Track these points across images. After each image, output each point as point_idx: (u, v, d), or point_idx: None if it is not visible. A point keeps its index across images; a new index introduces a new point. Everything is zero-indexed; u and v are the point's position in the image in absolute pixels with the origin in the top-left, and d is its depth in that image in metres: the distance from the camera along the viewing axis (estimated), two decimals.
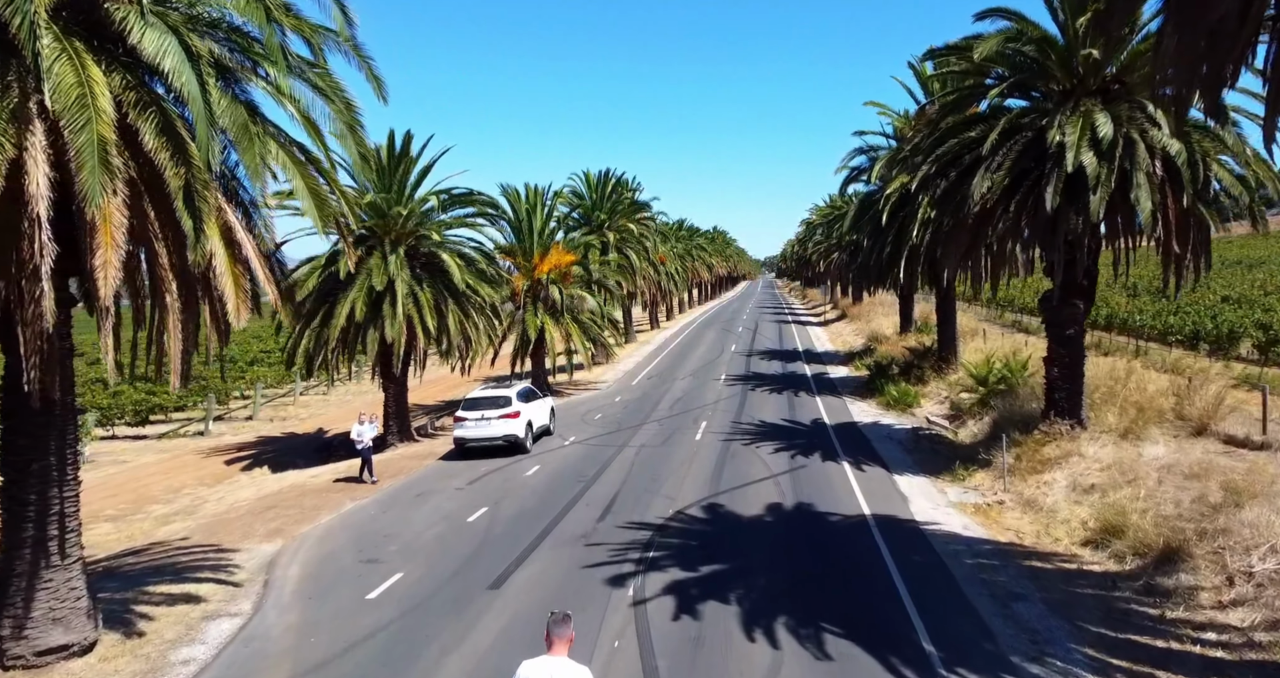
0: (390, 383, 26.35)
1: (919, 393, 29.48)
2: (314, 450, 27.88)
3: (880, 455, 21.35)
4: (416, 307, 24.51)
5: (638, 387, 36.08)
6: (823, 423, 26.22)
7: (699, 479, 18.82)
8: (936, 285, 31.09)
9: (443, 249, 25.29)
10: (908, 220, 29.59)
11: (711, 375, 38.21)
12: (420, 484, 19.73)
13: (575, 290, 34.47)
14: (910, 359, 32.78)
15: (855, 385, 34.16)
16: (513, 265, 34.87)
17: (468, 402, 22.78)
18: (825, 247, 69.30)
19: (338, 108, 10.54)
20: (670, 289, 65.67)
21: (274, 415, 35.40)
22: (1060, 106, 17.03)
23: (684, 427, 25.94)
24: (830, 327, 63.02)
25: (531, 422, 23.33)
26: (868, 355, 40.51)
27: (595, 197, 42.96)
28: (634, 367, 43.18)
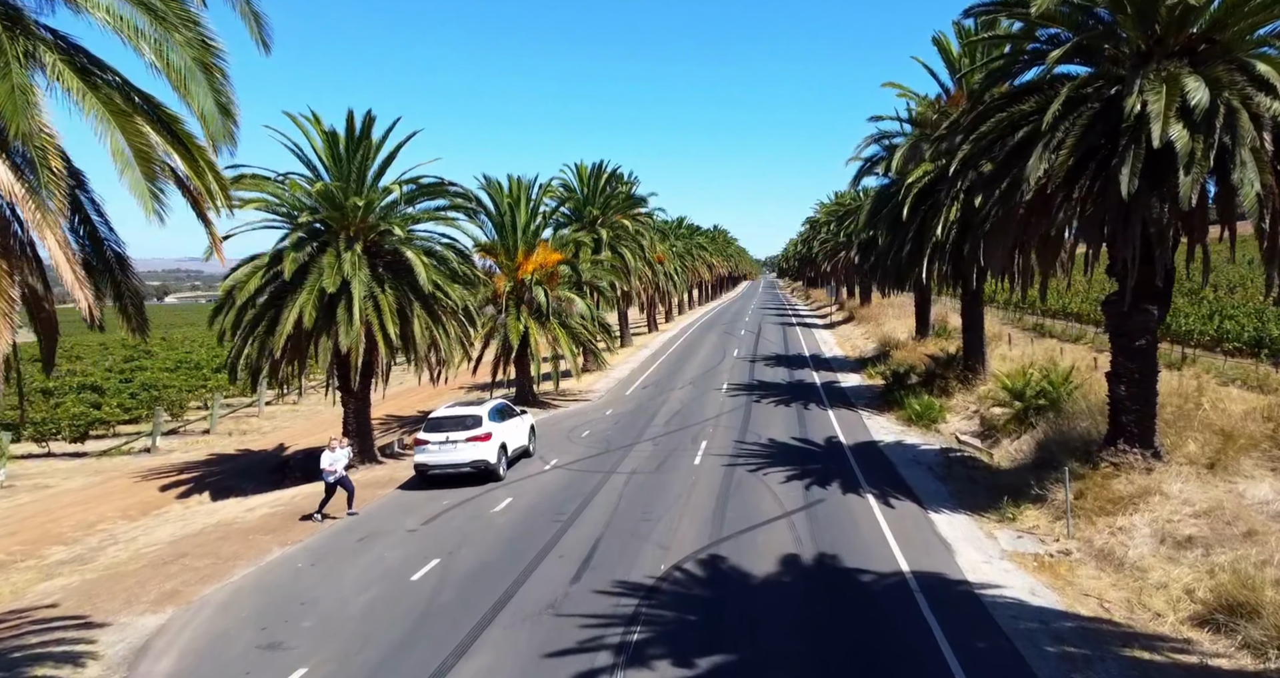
0: (350, 397, 23.31)
1: (943, 407, 26.43)
2: (267, 472, 24.84)
3: (909, 485, 18.32)
4: (376, 311, 21.50)
5: (632, 397, 33.04)
6: (838, 442, 23.17)
7: (698, 518, 15.78)
8: (963, 286, 28.04)
9: (407, 246, 22.26)
10: (930, 215, 26.61)
11: (712, 384, 35.17)
12: (368, 523, 16.69)
13: (563, 292, 31.46)
14: (932, 368, 29.73)
15: (870, 397, 31.11)
16: (495, 265, 31.90)
17: (431, 422, 19.75)
18: (832, 245, 66.25)
19: (182, 38, 7.48)
20: (669, 290, 62.65)
21: (234, 429, 32.38)
22: (1137, 71, 13.96)
23: (681, 447, 22.90)
24: (837, 330, 59.96)
25: (506, 444, 20.29)
26: (881, 362, 37.46)
27: (587, 190, 39.92)
28: (629, 374, 40.13)
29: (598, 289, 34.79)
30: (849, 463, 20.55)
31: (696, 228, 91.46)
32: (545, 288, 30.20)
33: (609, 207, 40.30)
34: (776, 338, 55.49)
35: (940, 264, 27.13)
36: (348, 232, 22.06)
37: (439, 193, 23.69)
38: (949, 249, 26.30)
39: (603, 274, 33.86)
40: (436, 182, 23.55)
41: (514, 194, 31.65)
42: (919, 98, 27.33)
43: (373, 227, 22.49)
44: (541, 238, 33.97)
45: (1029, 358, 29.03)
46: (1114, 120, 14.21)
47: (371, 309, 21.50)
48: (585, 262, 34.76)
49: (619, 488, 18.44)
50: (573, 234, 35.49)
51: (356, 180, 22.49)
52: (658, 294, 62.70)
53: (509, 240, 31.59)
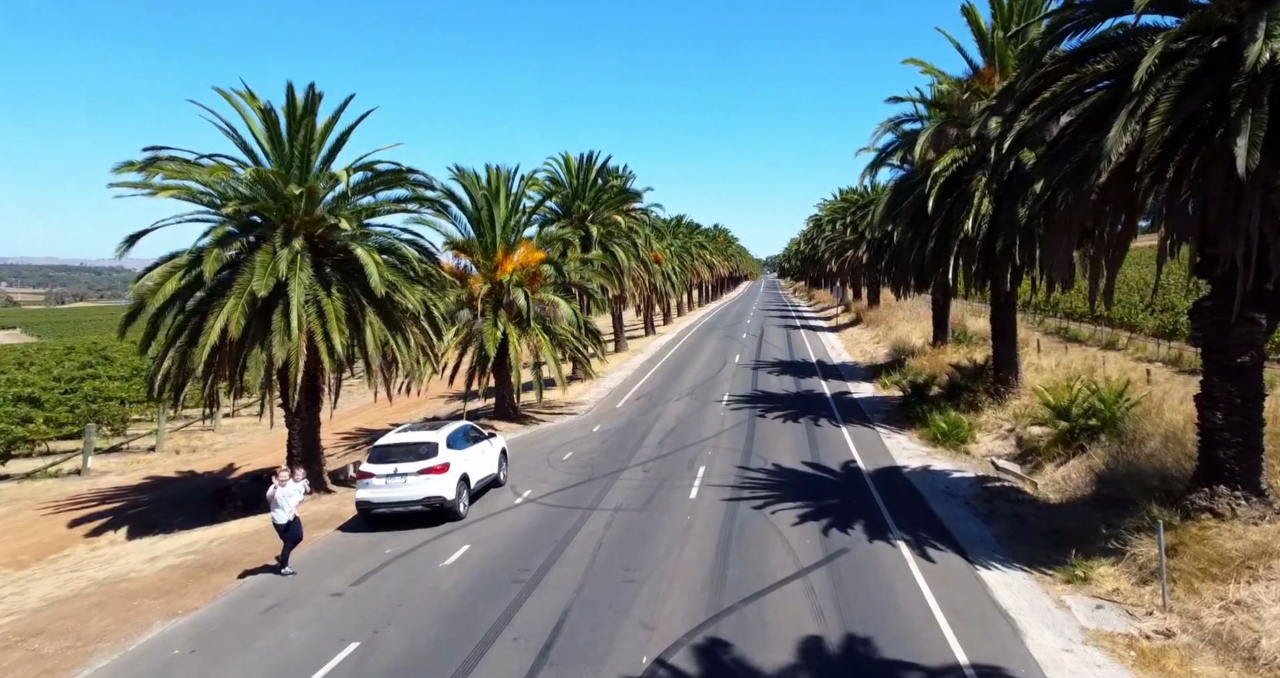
0: (294, 416, 20.25)
1: (973, 425, 23.35)
2: (204, 501, 21.79)
3: (947, 527, 15.25)
4: (320, 318, 18.43)
5: (623, 411, 29.94)
6: (857, 469, 20.10)
7: (693, 580, 12.70)
8: (993, 288, 24.95)
9: (357, 242, 19.20)
10: (957, 207, 23.55)
11: (712, 395, 32.07)
12: (286, 582, 13.61)
13: (546, 295, 28.37)
14: (957, 379, 26.64)
15: (887, 411, 28.02)
16: (471, 265, 28.82)
17: (376, 451, 16.66)
18: (839, 244, 63.17)
19: None
20: (667, 291, 59.56)
21: (184, 445, 29.29)
22: (1259, 12, 10.87)
23: (676, 475, 19.83)
24: (844, 333, 56.84)
25: (468, 475, 17.20)
26: (896, 370, 34.36)
27: (576, 183, 36.83)
28: (621, 383, 37.03)
29: (586, 291, 31.71)
30: (872, 497, 17.47)
31: (696, 226, 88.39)
32: (526, 290, 27.12)
33: (600, 201, 37.20)
34: (780, 342, 52.39)
35: (969, 262, 24.03)
36: (288, 226, 19.00)
37: (397, 182, 20.61)
38: (979, 246, 23.20)
39: (592, 275, 30.75)
40: (394, 169, 20.46)
41: (491, 186, 28.58)
42: (945, 76, 24.23)
43: (319, 220, 19.41)
44: (525, 236, 30.96)
45: (1066, 368, 25.95)
46: (1222, 78, 11.15)
47: (314, 316, 18.43)
48: (573, 261, 31.68)
49: (598, 533, 15.34)
50: (559, 231, 32.45)
51: (300, 166, 19.42)
52: (655, 295, 59.61)
53: (486, 238, 28.52)
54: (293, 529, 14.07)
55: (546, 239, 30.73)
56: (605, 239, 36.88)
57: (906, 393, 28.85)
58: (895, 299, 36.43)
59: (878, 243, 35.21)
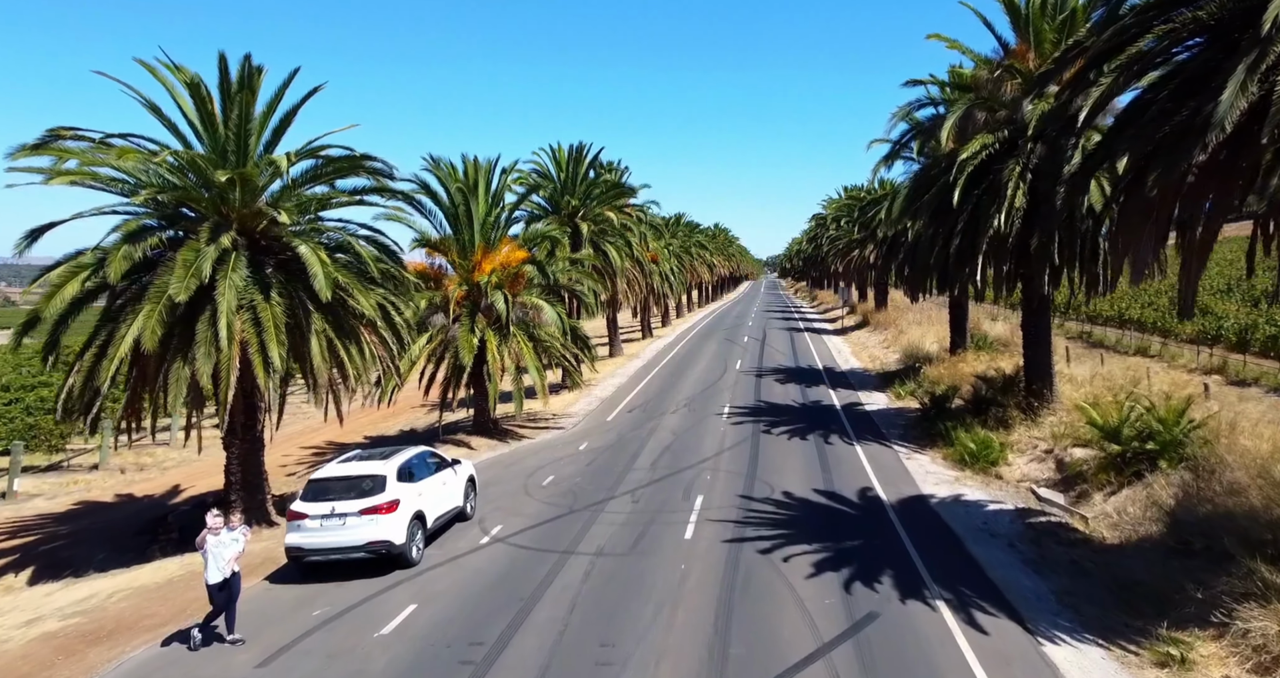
0: (233, 439, 17.67)
1: (1004, 444, 20.75)
2: (135, 532, 19.23)
3: (993, 580, 12.69)
4: (256, 326, 15.84)
5: (614, 425, 27.34)
6: (877, 499, 17.51)
7: (685, 663, 10.09)
8: (1026, 289, 22.35)
9: (303, 239, 16.61)
10: (986, 200, 20.98)
11: (711, 407, 29.48)
12: (178, 663, 11.00)
13: (530, 298, 25.77)
14: (982, 391, 24.02)
15: (904, 426, 25.44)
16: (447, 265, 26.22)
17: (312, 486, 14.04)
18: (845, 243, 60.53)
19: None
20: (664, 292, 56.97)
21: (132, 463, 26.70)
22: None
23: (669, 506, 17.24)
24: (850, 336, 54.23)
25: (424, 513, 14.58)
26: (910, 379, 31.76)
27: (564, 177, 34.21)
28: (614, 392, 34.42)
29: (575, 294, 29.10)
30: (898, 537, 14.87)
31: (696, 225, 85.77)
32: (506, 293, 24.50)
33: (591, 197, 34.58)
34: (783, 346, 49.77)
35: (999, 262, 21.44)
36: (222, 219, 16.42)
37: (351, 169, 18.01)
38: (1011, 243, 20.62)
39: (581, 276, 28.13)
40: (347, 155, 17.87)
41: (469, 179, 25.98)
42: (973, 54, 21.63)
43: (259, 213, 16.81)
44: (510, 234, 28.41)
45: (1106, 380, 23.37)
46: None
47: (249, 324, 15.84)
48: (560, 260, 29.10)
49: (574, 587, 12.74)
50: (545, 228, 29.88)
51: (237, 151, 16.82)
52: (652, 297, 57.04)
53: (464, 235, 25.91)
54: (229, 588, 11.35)
55: (531, 237, 28.12)
56: (597, 237, 34.27)
57: (925, 406, 26.25)
58: (910, 301, 33.79)
59: (890, 241, 32.62)
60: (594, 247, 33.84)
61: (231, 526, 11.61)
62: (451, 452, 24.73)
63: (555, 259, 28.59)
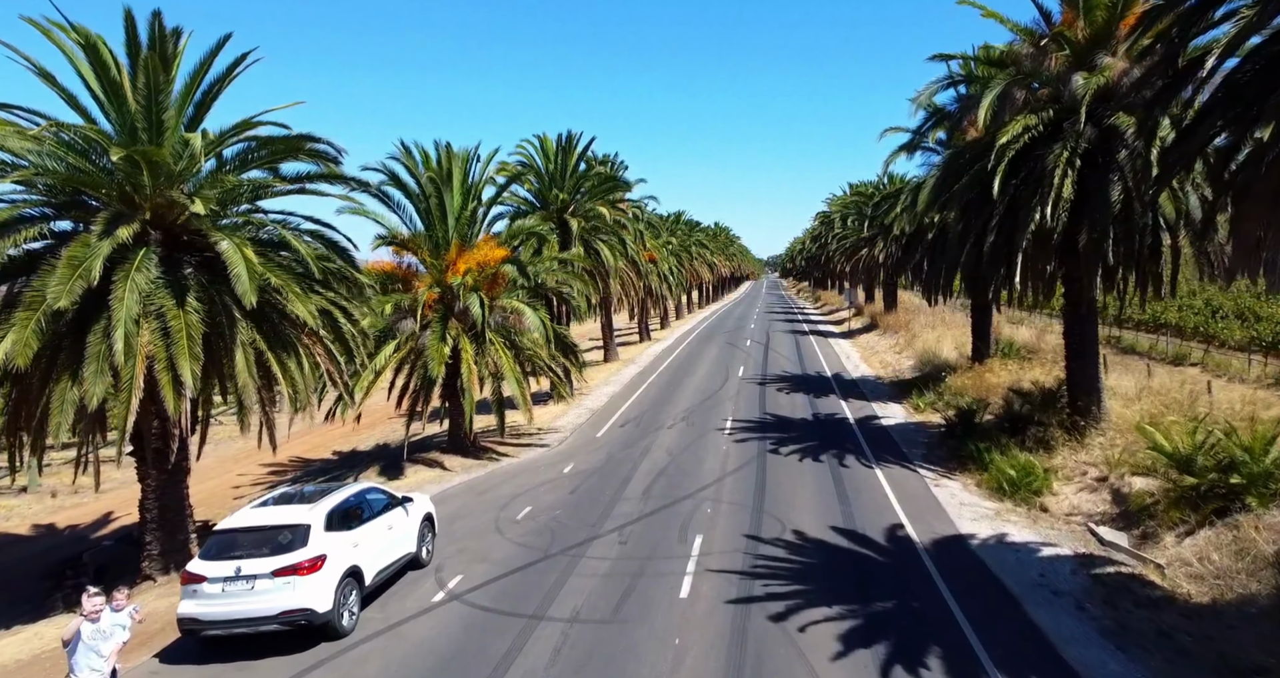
0: (149, 469, 15.01)
1: (1048, 470, 18.07)
2: (40, 576, 16.61)
3: (1068, 662, 10.04)
4: (165, 338, 13.17)
5: (604, 442, 24.65)
6: (908, 541, 14.83)
7: None
8: (1072, 292, 19.66)
9: (227, 232, 13.94)
10: (1026, 191, 18.35)
11: (712, 420, 26.80)
12: None
13: (510, 301, 23.10)
14: (1017, 407, 21.33)
15: (927, 444, 22.77)
16: (418, 264, 23.56)
17: (215, 540, 11.33)
18: (852, 241, 57.82)
19: None
20: (663, 293, 54.29)
21: (70, 486, 23.98)
22: None
23: (663, 550, 14.56)
24: (858, 340, 51.52)
25: (360, 569, 11.88)
26: (929, 389, 29.10)
27: (553, 169, 31.49)
28: (606, 402, 31.74)
29: (563, 297, 26.41)
30: (940, 596, 12.21)
31: (696, 224, 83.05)
32: (482, 296, 21.82)
33: (581, 190, 31.86)
34: (788, 350, 47.07)
35: (1041, 260, 18.76)
36: (128, 208, 13.76)
37: (288, 151, 15.32)
38: (1057, 239, 17.93)
39: (568, 277, 25.42)
40: (283, 136, 15.18)
41: (441, 168, 23.31)
42: (1012, 24, 18.91)
43: (176, 203, 14.13)
44: (493, 232, 25.78)
45: (1159, 396, 20.68)
46: None
47: (158, 335, 13.17)
48: (547, 260, 26.42)
49: (539, 672, 10.06)
50: (529, 224, 27.22)
51: (148, 127, 14.13)
52: (650, 298, 54.37)
53: (436, 231, 23.25)
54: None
55: (514, 234, 25.41)
56: (588, 235, 31.58)
57: (950, 421, 23.57)
58: (929, 305, 31.10)
59: (906, 239, 29.92)
60: (585, 245, 31.17)
61: (117, 604, 8.89)
62: (421, 474, 22.12)
63: (541, 258, 25.94)
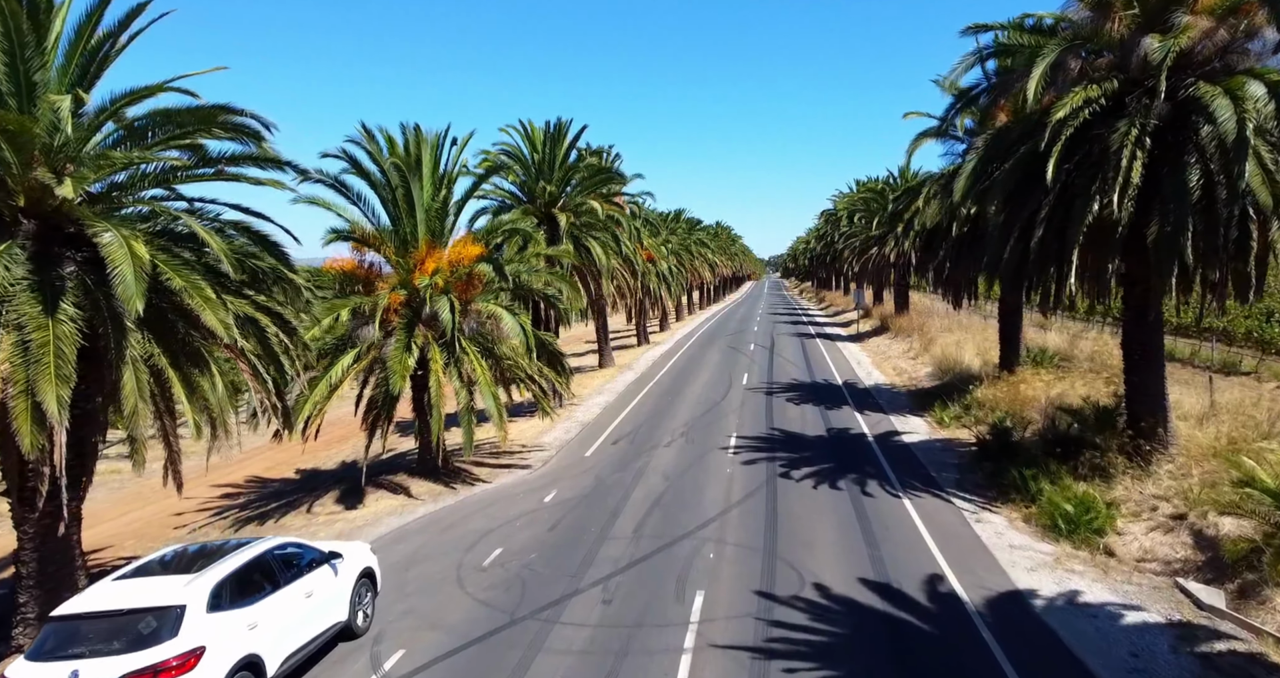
0: (28, 511, 12.30)
1: (1110, 503, 15.34)
2: None
3: None
4: (24, 356, 10.47)
5: (593, 463, 21.95)
6: (956, 602, 12.10)
7: None
8: (1130, 295, 16.92)
9: (112, 223, 11.22)
10: (1080, 177, 15.67)
11: (714, 437, 24.11)
12: None
13: (487, 305, 20.41)
14: (1065, 427, 18.63)
15: (958, 466, 20.08)
16: (382, 262, 20.86)
17: (53, 630, 8.63)
18: (861, 239, 55.01)
19: None
20: (661, 294, 51.59)
21: None
22: None
23: (655, 615, 11.84)
24: (868, 344, 48.76)
25: (258, 659, 9.13)
26: (953, 400, 26.37)
27: (540, 159, 28.75)
28: (599, 414, 29.04)
29: (549, 300, 23.69)
30: None
31: (697, 222, 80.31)
32: (453, 298, 19.13)
33: (571, 182, 29.11)
34: (795, 355, 44.34)
35: (1101, 257, 16.00)
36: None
37: (198, 124, 12.58)
38: (1122, 231, 15.19)
39: (554, 278, 22.67)
40: (191, 107, 12.44)
41: (409, 154, 20.62)
42: None
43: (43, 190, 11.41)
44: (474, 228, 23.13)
45: (1237, 414, 17.93)
46: None
47: (17, 350, 10.48)
48: (531, 258, 23.71)
49: None
50: (511, 218, 24.53)
51: (17, 90, 11.44)
52: (649, 300, 51.68)
53: (403, 226, 20.56)
54: None
55: (493, 230, 22.67)
56: (578, 232, 28.84)
57: (982, 440, 20.88)
58: (954, 308, 28.40)
59: (927, 235, 27.21)
60: (575, 243, 28.45)
61: None
62: (383, 503, 19.39)
63: (524, 256, 23.25)
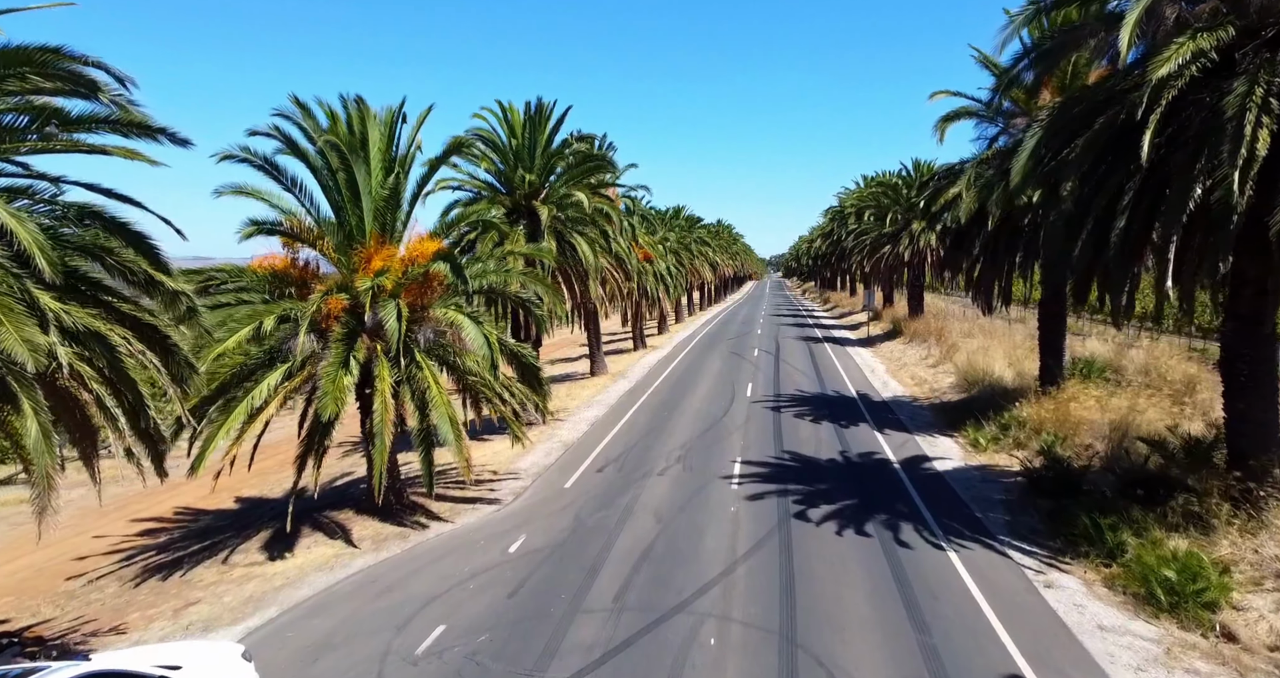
0: None
1: (1217, 564, 12.04)
2: None
3: None
4: None
5: (573, 498, 18.66)
6: None
7: None
8: (1236, 299, 13.61)
9: None
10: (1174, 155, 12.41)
11: (716, 462, 20.84)
12: None
13: (446, 311, 17.10)
14: (1139, 459, 15.33)
15: (1006, 503, 16.85)
16: (321, 260, 17.58)
17: None
18: (874, 237, 51.65)
19: None
20: (659, 295, 48.29)
21: None
22: None
23: None
24: (880, 349, 45.42)
25: None
26: (986, 418, 23.06)
27: (520, 145, 25.39)
28: (586, 432, 25.75)
29: (524, 305, 20.35)
30: None
31: (697, 220, 76.91)
32: (401, 304, 15.83)
33: (555, 172, 25.75)
34: (802, 361, 41.02)
35: (1206, 254, 12.68)
36: None
37: (8, 65, 9.26)
38: (1239, 222, 11.87)
39: (530, 279, 19.32)
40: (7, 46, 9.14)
41: (352, 133, 17.33)
42: None
43: None
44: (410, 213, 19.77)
45: None
46: None
47: None
48: (503, 254, 20.38)
49: None
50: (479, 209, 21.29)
51: None
52: (646, 301, 48.38)
53: (347, 217, 17.28)
54: None
55: (460, 221, 19.32)
56: (562, 227, 25.52)
57: (1031, 470, 17.63)
58: (984, 313, 25.10)
59: (958, 230, 23.89)
60: (558, 239, 25.15)
61: None
62: (317, 550, 16.06)
63: (495, 255, 19.96)
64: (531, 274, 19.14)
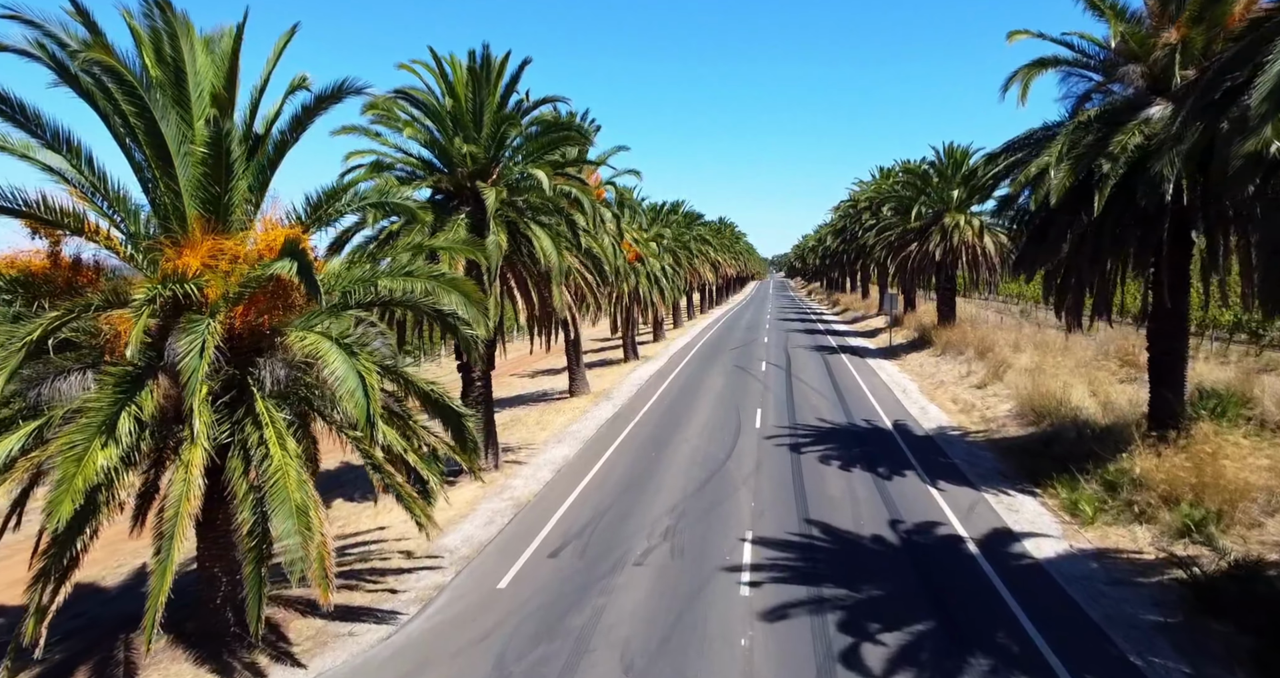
0: None
1: None
2: None
3: None
4: None
5: (501, 613, 12.60)
6: None
7: None
8: None
9: None
10: None
11: (716, 545, 14.81)
12: None
13: (306, 335, 10.95)
14: None
15: (1168, 634, 10.74)
16: (114, 256, 11.54)
17: None
18: (898, 233, 45.43)
19: None
20: (653, 299, 42.28)
21: None
22: None
23: None
24: (907, 361, 39.27)
25: None
26: (1080, 467, 17.00)
27: (462, 109, 19.15)
28: (546, 484, 19.71)
29: (445, 320, 14.18)
30: None
31: (698, 216, 70.75)
32: (214, 324, 9.82)
33: (508, 143, 19.54)
34: (818, 378, 34.91)
35: None
36: None
37: None
38: None
39: (442, 287, 13.20)
40: None
41: (166, 61, 11.30)
42: None
43: None
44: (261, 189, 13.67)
45: None
46: None
47: None
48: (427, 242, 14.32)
49: None
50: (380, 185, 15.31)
51: None
52: (637, 306, 42.39)
53: (159, 194, 11.24)
54: None
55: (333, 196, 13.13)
56: (514, 215, 19.46)
57: (1196, 575, 11.61)
58: (1071, 329, 18.99)
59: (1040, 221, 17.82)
60: (511, 230, 19.14)
61: None
62: None
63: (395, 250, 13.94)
64: (447, 279, 13.05)
